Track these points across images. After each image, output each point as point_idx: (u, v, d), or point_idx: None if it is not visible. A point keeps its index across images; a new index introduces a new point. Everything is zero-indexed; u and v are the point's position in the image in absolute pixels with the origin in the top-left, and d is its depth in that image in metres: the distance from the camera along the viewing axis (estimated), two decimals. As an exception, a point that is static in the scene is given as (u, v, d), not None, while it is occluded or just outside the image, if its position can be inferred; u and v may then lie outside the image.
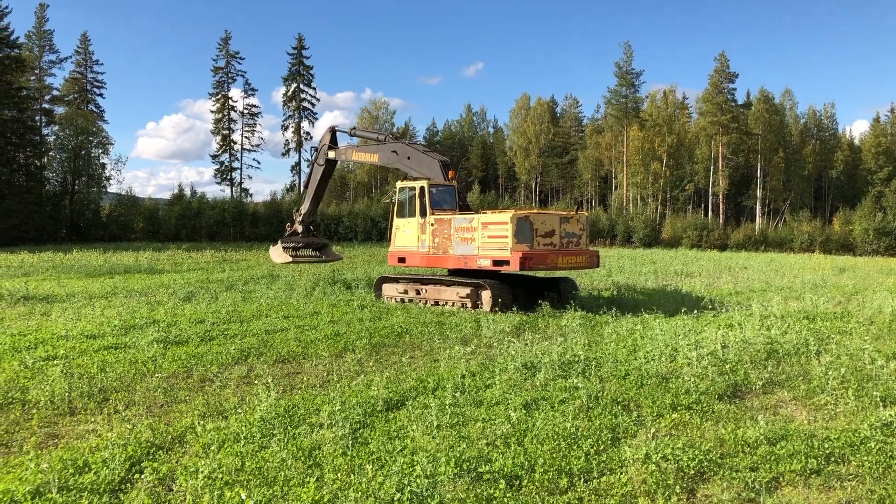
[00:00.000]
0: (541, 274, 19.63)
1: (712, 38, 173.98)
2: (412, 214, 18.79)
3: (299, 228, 24.87)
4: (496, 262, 16.53)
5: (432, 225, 18.19)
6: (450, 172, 19.27)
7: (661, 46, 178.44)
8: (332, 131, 23.92)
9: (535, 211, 17.91)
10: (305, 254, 24.97)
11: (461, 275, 18.28)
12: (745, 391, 8.95)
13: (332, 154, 23.43)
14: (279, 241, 24.48)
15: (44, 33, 75.63)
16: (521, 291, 18.22)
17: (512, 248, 16.12)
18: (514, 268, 16.22)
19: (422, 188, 18.50)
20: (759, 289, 23.73)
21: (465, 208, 19.32)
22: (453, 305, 17.73)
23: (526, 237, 16.38)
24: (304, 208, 24.73)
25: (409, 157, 20.32)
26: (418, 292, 18.80)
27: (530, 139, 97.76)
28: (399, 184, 19.62)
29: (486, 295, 17.05)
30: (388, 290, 19.60)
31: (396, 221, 19.37)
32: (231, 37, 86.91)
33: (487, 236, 16.70)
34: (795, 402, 8.53)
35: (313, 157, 24.59)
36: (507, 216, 16.49)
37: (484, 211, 18.13)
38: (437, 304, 18.17)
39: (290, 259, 24.15)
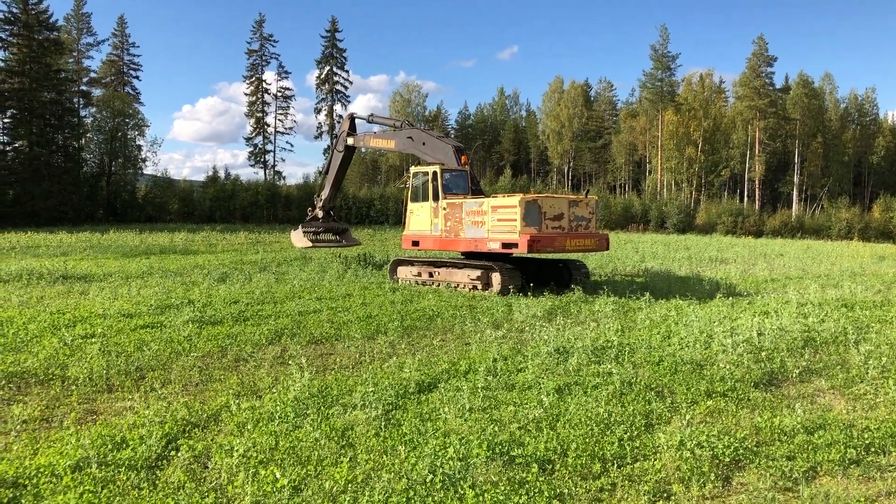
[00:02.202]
0: (557, 256, 19.71)
1: (750, 21, 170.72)
2: (425, 199, 19.05)
3: (319, 214, 25.33)
4: (505, 245, 16.68)
5: (444, 209, 18.42)
6: (463, 158, 19.51)
7: (697, 29, 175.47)
8: (351, 118, 24.40)
9: (544, 195, 17.94)
10: (325, 238, 25.38)
11: (473, 257, 18.53)
12: (781, 379, 8.82)
13: (350, 141, 23.85)
14: (300, 226, 24.88)
15: (81, 16, 76.76)
16: (531, 274, 18.47)
17: (520, 230, 16.23)
18: (522, 250, 16.33)
19: (434, 173, 18.74)
20: (795, 276, 23.35)
21: (477, 193, 19.48)
22: (465, 288, 17.92)
23: (534, 220, 16.49)
24: (325, 194, 25.11)
25: (423, 143, 20.70)
26: (431, 275, 19.07)
27: (563, 123, 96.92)
28: (413, 169, 19.89)
29: (496, 277, 17.26)
30: (403, 272, 19.92)
31: (410, 206, 19.68)
32: (265, 20, 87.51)
33: (497, 220, 16.87)
34: (833, 391, 8.38)
35: (333, 144, 25.06)
36: (515, 199, 16.59)
37: (494, 195, 18.23)
38: (449, 286, 18.40)
39: (310, 243, 24.51)
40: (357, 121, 24.64)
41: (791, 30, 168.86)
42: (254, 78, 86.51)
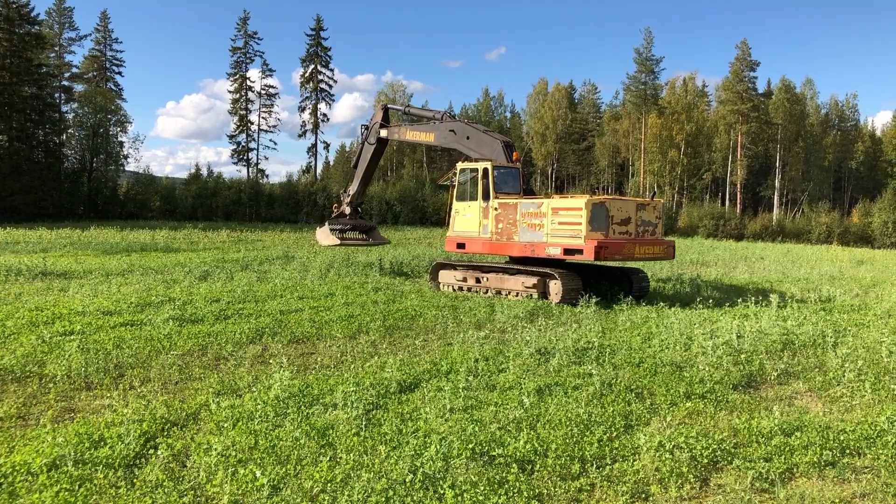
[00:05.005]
0: (614, 264, 18.29)
1: (734, 26, 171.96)
2: (473, 198, 17.66)
3: (347, 210, 23.68)
4: (567, 251, 15.46)
5: (496, 209, 17.08)
6: (514, 154, 18.14)
7: (681, 33, 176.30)
8: (385, 109, 22.89)
9: (612, 196, 17.18)
10: (352, 236, 23.96)
11: (522, 263, 17.20)
12: (760, 382, 8.90)
13: (383, 133, 22.21)
14: (326, 223, 23.38)
15: (64, 10, 75.95)
16: (587, 282, 16.92)
17: (586, 235, 15.06)
18: (588, 257, 15.12)
19: (485, 170, 17.37)
20: (775, 279, 23.57)
21: (528, 192, 18.32)
22: (517, 295, 16.63)
23: (601, 224, 15.38)
24: (353, 189, 23.53)
25: (468, 137, 19.15)
26: (478, 280, 17.74)
27: (547, 125, 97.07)
28: (460, 165, 18.39)
29: (554, 285, 16.03)
30: (446, 277, 18.57)
31: (456, 205, 18.25)
32: (250, 17, 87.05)
33: (558, 223, 15.68)
34: (811, 393, 8.48)
35: (363, 136, 23.22)
36: (581, 201, 15.48)
37: (552, 195, 17.26)
38: (498, 293, 17.15)
39: (338, 242, 23.05)
40: (390, 112, 23.06)
41: (774, 34, 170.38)
42: (238, 75, 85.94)
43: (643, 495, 5.40)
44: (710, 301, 15.70)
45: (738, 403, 7.79)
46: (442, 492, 5.14)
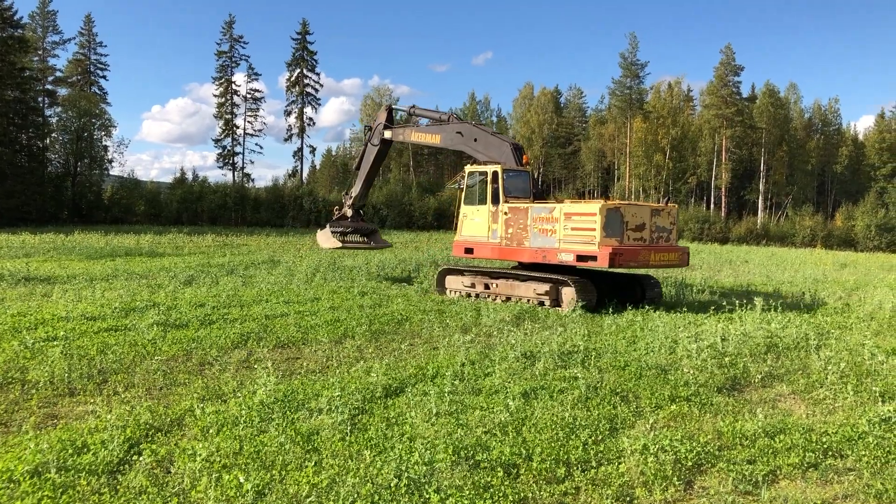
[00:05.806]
0: (625, 270, 17.81)
1: (719, 31, 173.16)
2: (482, 202, 17.27)
3: (349, 212, 23.36)
4: (581, 258, 15.15)
5: (506, 214, 16.72)
6: (523, 157, 17.80)
7: (667, 38, 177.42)
8: (389, 110, 22.68)
9: (626, 202, 16.80)
10: (354, 239, 23.67)
11: (533, 269, 16.89)
12: (744, 384, 8.96)
13: (387, 134, 21.81)
14: (327, 225, 23.06)
15: (47, 14, 75.48)
16: (599, 289, 16.43)
17: (600, 242, 14.74)
18: (602, 264, 14.76)
19: (494, 173, 16.97)
20: (759, 282, 23.72)
21: (538, 196, 17.93)
22: (528, 302, 16.21)
23: (616, 231, 15.03)
24: (355, 191, 23.15)
25: (475, 140, 18.80)
26: (487, 286, 17.40)
27: (533, 129, 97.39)
28: (468, 168, 17.96)
29: (567, 292, 15.63)
30: (453, 282, 18.33)
31: (464, 209, 17.87)
32: (235, 20, 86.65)
33: (571, 228, 15.34)
34: (794, 395, 8.54)
35: (367, 137, 22.79)
36: (595, 206, 15.16)
37: (562, 199, 16.98)
38: (508, 300, 16.75)
39: (340, 244, 22.65)
40: (395, 112, 22.82)
41: (758, 39, 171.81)
42: (223, 79, 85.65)
43: (628, 498, 5.42)
44: (695, 304, 15.78)
45: (722, 406, 7.83)
46: (427, 496, 5.14)
